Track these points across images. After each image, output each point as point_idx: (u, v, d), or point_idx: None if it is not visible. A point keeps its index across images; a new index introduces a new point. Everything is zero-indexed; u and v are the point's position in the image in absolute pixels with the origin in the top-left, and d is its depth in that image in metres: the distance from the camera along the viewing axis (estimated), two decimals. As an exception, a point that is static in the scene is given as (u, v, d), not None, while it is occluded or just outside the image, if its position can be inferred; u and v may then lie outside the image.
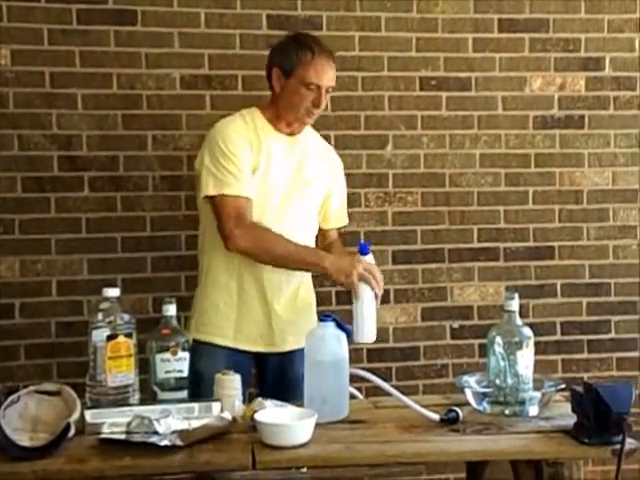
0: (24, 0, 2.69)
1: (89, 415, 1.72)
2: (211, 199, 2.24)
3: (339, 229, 2.57)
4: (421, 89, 2.99)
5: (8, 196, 2.73)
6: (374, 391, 2.07)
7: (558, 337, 3.07)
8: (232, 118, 2.35)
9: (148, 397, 1.89)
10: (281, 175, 2.31)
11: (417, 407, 1.82)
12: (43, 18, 2.71)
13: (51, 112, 2.75)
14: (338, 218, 2.53)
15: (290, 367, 2.29)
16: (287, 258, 2.21)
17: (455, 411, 1.80)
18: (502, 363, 1.88)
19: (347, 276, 2.14)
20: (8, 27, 2.69)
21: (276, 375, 2.35)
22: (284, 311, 2.31)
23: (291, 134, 2.36)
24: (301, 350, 2.00)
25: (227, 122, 2.32)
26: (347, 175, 2.93)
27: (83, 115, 2.78)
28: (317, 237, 2.47)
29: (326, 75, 2.28)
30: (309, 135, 2.44)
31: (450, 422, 1.79)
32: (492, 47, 3.00)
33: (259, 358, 2.34)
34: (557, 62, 3.04)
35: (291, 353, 2.29)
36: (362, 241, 2.11)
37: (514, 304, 1.92)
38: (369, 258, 2.05)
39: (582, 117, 3.07)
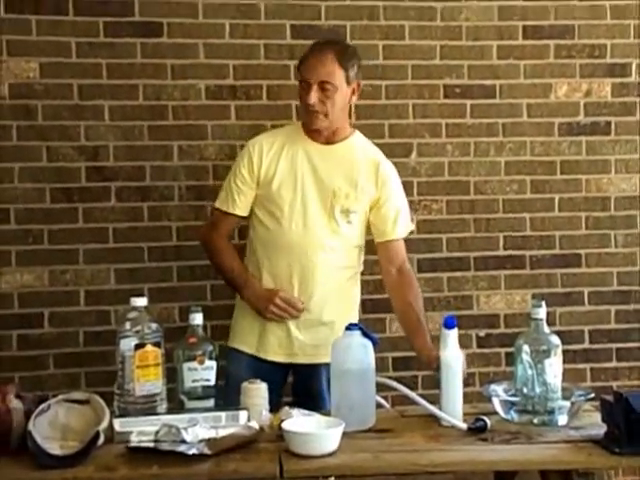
0: (53, 14, 2.74)
1: (118, 424, 1.73)
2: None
3: (392, 241, 2.42)
4: (445, 97, 2.98)
5: (37, 207, 2.77)
6: (400, 400, 2.07)
7: (586, 345, 3.04)
8: (265, 134, 2.42)
9: (175, 406, 1.90)
10: (304, 184, 2.30)
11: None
12: (71, 31, 2.76)
13: (79, 124, 2.79)
14: (385, 231, 2.39)
15: (314, 380, 2.30)
16: (224, 271, 2.39)
17: (483, 420, 1.79)
18: (530, 372, 1.87)
19: (262, 310, 2.28)
20: (37, 41, 2.74)
21: (302, 386, 2.37)
22: (302, 325, 2.31)
23: (327, 143, 2.34)
24: (326, 364, 2.02)
25: (254, 139, 2.38)
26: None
27: (110, 126, 2.81)
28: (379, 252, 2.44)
29: (313, 70, 2.25)
30: (356, 145, 2.38)
31: (478, 431, 1.77)
32: (517, 54, 2.99)
33: (291, 368, 2.36)
34: (583, 68, 3.02)
35: (317, 366, 2.29)
36: (448, 314, 2.05)
37: (541, 312, 1.90)
38: (454, 333, 1.93)
39: (608, 123, 3.04)
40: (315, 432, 1.66)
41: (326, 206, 2.31)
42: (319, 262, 2.29)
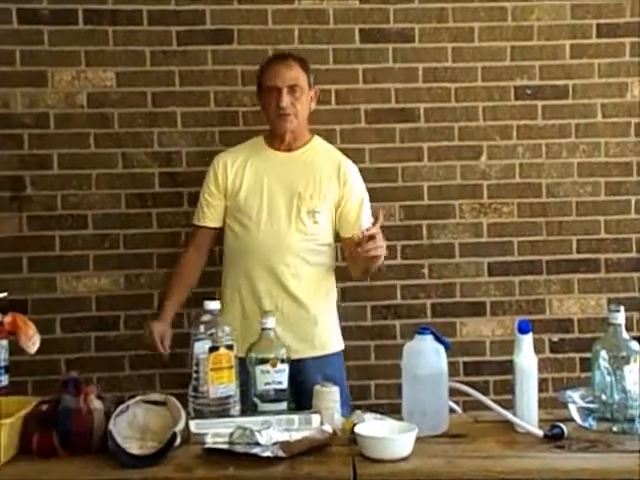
0: (128, 24, 2.82)
1: (193, 425, 1.76)
2: None
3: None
4: (516, 98, 2.94)
5: (113, 212, 2.85)
6: (471, 405, 2.05)
7: (665, 352, 2.95)
8: (229, 150, 2.58)
9: (248, 408, 1.92)
10: (270, 192, 2.44)
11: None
12: (145, 40, 2.83)
13: (152, 130, 2.86)
14: (354, 226, 2.46)
15: (305, 375, 2.26)
16: (167, 280, 2.59)
17: (560, 427, 1.75)
18: (608, 378, 1.82)
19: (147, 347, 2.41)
20: (113, 51, 2.82)
21: (293, 382, 2.31)
22: (285, 323, 2.32)
23: (288, 150, 2.49)
24: (313, 358, 2.29)
25: (219, 155, 2.56)
26: (440, 187, 2.93)
27: (182, 132, 2.87)
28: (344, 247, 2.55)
29: (280, 76, 2.42)
30: (316, 149, 2.52)
31: (554, 438, 1.74)
32: (591, 53, 2.93)
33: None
34: (659, 66, 2.94)
35: (304, 360, 2.33)
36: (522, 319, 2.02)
37: (620, 317, 1.85)
38: (528, 338, 1.86)
39: (687, 122, 2.95)
40: (389, 436, 1.66)
41: (292, 209, 2.43)
42: (290, 262, 2.42)
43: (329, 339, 2.53)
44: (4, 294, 1.97)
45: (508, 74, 2.94)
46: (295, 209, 2.44)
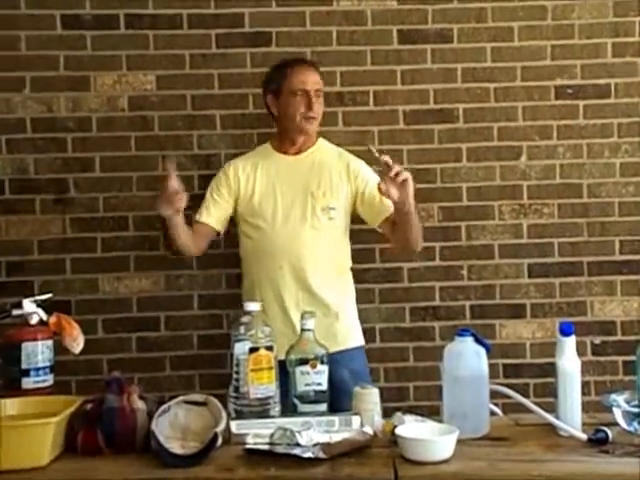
0: (168, 28, 2.85)
1: (234, 426, 1.77)
2: None
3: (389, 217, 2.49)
4: (556, 98, 2.91)
5: (153, 214, 2.86)
6: (511, 408, 2.02)
7: None
8: (239, 157, 2.64)
9: (288, 409, 1.93)
10: (283, 193, 2.50)
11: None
12: (185, 44, 2.86)
13: (192, 133, 2.89)
14: (380, 210, 2.50)
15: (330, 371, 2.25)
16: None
17: (604, 431, 1.73)
18: (653, 382, 1.79)
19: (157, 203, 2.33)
20: (154, 54, 2.86)
21: None
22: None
23: (297, 153, 2.56)
24: (334, 353, 2.13)
25: (230, 162, 2.63)
26: (479, 187, 2.91)
27: (221, 135, 2.89)
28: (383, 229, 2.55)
29: (309, 79, 2.51)
30: (323, 150, 2.59)
31: (599, 442, 1.71)
32: (633, 51, 2.89)
33: None
34: None
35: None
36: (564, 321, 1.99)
37: (665, 319, 1.82)
38: (571, 340, 1.83)
39: None
40: (431, 438, 1.65)
41: (307, 207, 2.50)
42: (307, 259, 2.47)
43: (351, 333, 2.57)
44: (49, 295, 2.01)
45: (548, 73, 2.91)
46: (310, 207, 2.50)
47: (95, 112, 2.86)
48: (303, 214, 2.50)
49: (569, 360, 1.82)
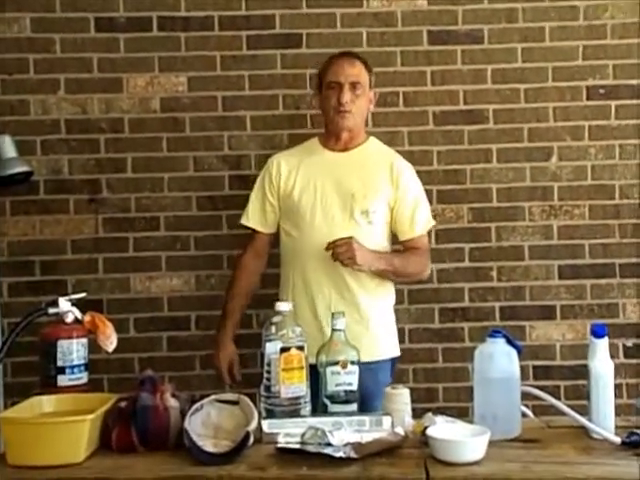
0: (200, 30, 2.88)
1: (266, 425, 1.78)
2: None
3: (413, 239, 2.49)
4: (588, 99, 2.90)
5: (184, 214, 2.91)
6: (542, 410, 2.02)
7: None
8: (283, 152, 2.59)
9: (318, 409, 1.94)
10: (323, 191, 2.42)
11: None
12: (216, 45, 2.88)
13: (223, 134, 2.91)
14: (405, 230, 2.48)
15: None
16: (227, 292, 2.58)
17: (638, 434, 1.71)
18: (688, 385, 1.78)
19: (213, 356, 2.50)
20: (185, 56, 2.89)
21: None
22: None
23: (344, 149, 2.46)
24: (363, 363, 2.00)
25: (273, 156, 2.56)
26: (509, 189, 2.90)
27: (252, 136, 2.91)
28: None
29: (343, 71, 2.40)
30: (371, 148, 2.51)
31: (632, 446, 1.70)
32: (667, 51, 2.86)
33: None
34: None
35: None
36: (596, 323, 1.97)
37: (699, 322, 1.80)
38: (603, 342, 1.80)
39: None
40: (462, 439, 1.65)
41: (346, 209, 2.41)
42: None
43: (379, 345, 2.45)
44: (82, 294, 2.03)
45: (580, 74, 2.89)
46: (349, 209, 2.41)
47: (127, 113, 2.90)
48: (342, 215, 2.41)
49: (601, 362, 1.81)
